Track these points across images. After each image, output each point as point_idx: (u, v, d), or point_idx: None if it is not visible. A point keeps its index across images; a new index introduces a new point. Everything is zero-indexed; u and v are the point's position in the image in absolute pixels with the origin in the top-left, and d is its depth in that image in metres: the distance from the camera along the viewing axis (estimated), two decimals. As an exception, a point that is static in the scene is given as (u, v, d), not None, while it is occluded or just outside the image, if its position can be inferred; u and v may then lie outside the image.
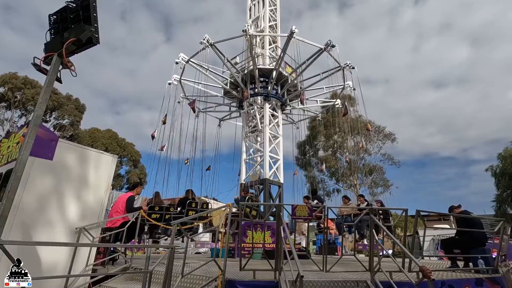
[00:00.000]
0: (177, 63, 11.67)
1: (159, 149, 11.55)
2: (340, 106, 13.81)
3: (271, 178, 10.76)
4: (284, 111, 12.66)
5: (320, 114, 14.88)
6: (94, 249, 4.75)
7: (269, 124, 11.32)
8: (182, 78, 12.14)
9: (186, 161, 12.42)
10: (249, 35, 10.05)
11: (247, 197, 8.35)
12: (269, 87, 11.35)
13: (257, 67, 11.15)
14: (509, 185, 23.01)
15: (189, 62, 11.58)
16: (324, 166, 22.07)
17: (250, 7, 13.65)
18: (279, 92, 11.82)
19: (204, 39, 10.66)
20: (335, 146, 26.37)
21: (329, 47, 10.09)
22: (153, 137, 11.50)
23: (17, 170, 2.25)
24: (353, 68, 11.31)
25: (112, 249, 5.65)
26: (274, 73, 11.05)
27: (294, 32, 9.75)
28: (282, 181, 11.12)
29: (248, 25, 10.11)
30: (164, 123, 11.49)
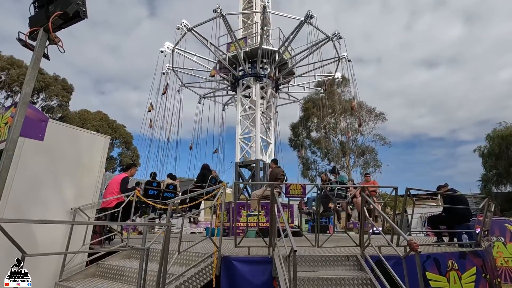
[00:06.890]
0: (162, 51, 11.30)
1: (166, 139, 11.82)
2: (341, 79, 13.70)
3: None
4: (279, 88, 12.44)
5: (321, 90, 14.71)
6: (90, 229, 4.79)
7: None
8: (174, 66, 11.86)
9: (190, 146, 12.81)
10: (223, 15, 9.68)
11: (209, 177, 8.24)
12: (257, 67, 11.12)
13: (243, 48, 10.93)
14: (495, 165, 23.76)
15: (175, 50, 11.29)
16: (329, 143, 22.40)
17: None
18: (269, 70, 11.59)
19: (181, 25, 10.24)
20: (328, 127, 26.56)
21: (309, 18, 9.86)
22: (151, 126, 11.62)
23: (9, 149, 2.21)
24: (341, 38, 11.02)
25: (108, 229, 5.71)
26: (259, 52, 10.73)
27: (267, 6, 9.59)
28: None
29: (219, 5, 9.67)
30: (149, 111, 11.50)
